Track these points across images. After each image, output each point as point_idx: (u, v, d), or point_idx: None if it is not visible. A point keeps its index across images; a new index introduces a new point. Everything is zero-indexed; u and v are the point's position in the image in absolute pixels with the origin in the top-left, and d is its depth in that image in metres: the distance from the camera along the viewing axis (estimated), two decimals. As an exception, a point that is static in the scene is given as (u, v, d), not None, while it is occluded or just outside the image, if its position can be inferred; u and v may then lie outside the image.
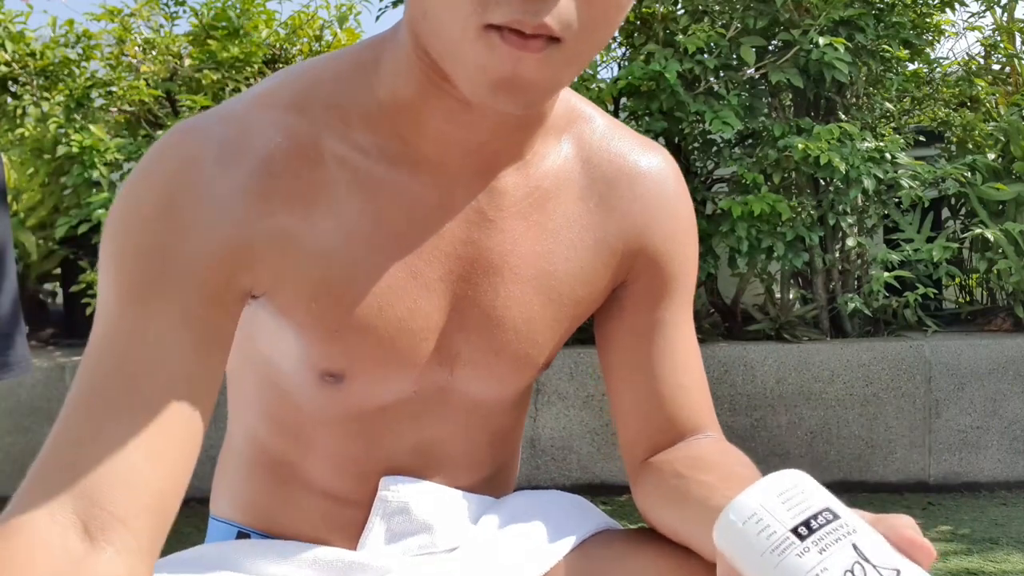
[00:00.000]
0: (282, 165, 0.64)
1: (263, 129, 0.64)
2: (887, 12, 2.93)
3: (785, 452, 2.71)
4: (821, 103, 3.02)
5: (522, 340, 0.73)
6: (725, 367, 2.71)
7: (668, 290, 0.77)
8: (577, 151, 0.74)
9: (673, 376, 0.77)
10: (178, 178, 0.62)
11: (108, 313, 0.61)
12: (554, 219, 0.73)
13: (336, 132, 0.66)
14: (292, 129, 0.65)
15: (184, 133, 0.64)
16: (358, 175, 0.66)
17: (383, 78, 0.66)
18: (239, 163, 0.63)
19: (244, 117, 0.65)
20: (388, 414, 0.74)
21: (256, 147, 0.64)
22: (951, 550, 2.23)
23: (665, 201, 0.77)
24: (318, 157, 0.65)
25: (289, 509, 0.78)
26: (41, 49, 3.15)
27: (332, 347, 0.68)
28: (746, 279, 2.99)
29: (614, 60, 3.24)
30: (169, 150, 0.63)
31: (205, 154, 0.62)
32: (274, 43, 3.19)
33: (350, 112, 0.66)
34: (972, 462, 2.70)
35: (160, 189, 0.62)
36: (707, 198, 2.96)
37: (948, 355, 2.70)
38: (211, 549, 0.76)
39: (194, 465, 0.61)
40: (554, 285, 0.73)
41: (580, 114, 0.76)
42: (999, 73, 3.52)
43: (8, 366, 1.22)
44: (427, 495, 0.76)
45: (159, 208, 0.61)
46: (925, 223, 3.06)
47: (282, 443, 0.77)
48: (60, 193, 3.07)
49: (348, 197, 0.66)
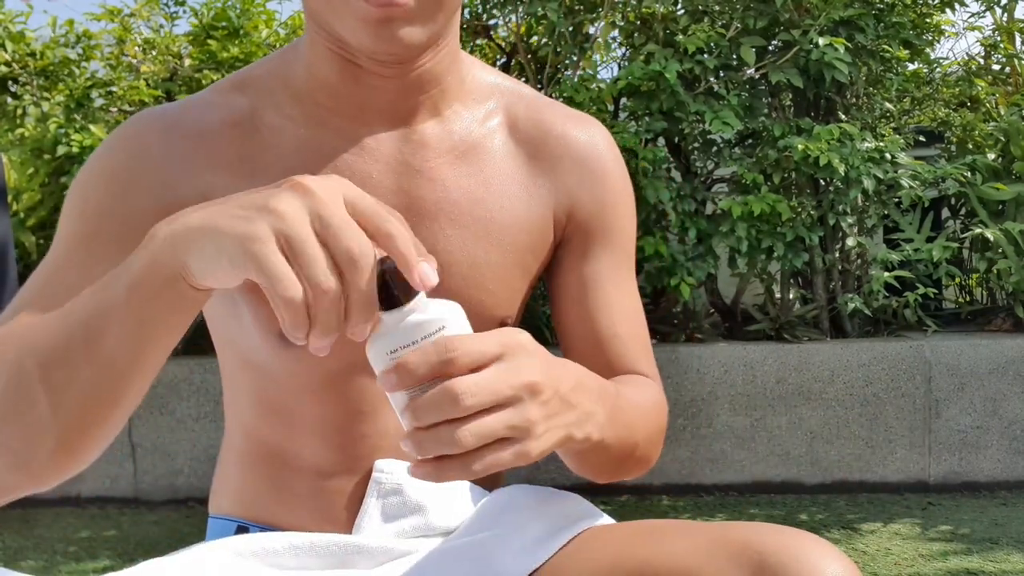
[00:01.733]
0: (217, 134, 0.74)
1: (205, 106, 0.76)
2: (887, 12, 2.93)
3: (785, 452, 2.71)
4: (821, 103, 3.02)
5: (471, 286, 0.77)
6: (725, 367, 2.71)
7: (600, 247, 0.83)
8: (504, 117, 0.82)
9: (610, 327, 0.82)
10: (121, 150, 0.74)
11: (54, 250, 0.72)
12: (483, 171, 0.78)
13: (271, 106, 0.76)
14: (231, 105, 0.76)
15: (137, 117, 0.76)
16: (288, 139, 0.75)
17: (301, 59, 0.77)
18: (175, 133, 0.74)
19: (191, 99, 0.77)
20: (362, 375, 0.77)
21: (194, 118, 0.75)
22: (951, 550, 2.23)
23: (593, 163, 0.83)
24: (253, 128, 0.75)
25: (285, 496, 0.79)
26: (41, 49, 3.16)
27: None
28: (746, 279, 2.99)
29: (614, 60, 3.24)
30: (122, 129, 0.75)
31: (148, 127, 0.74)
32: (274, 43, 3.19)
33: (281, 90, 0.77)
34: (972, 462, 2.70)
35: (107, 157, 0.74)
36: (707, 198, 2.96)
37: (948, 355, 2.70)
38: (210, 545, 0.76)
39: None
40: (493, 230, 0.78)
41: (507, 89, 0.84)
42: (999, 73, 3.52)
43: None
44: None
45: (104, 173, 0.73)
46: (925, 223, 3.06)
47: (271, 426, 0.79)
48: (60, 193, 3.07)
49: (278, 160, 0.74)
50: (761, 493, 2.71)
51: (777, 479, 2.72)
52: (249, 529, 0.81)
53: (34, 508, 2.80)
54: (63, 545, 2.47)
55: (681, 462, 2.73)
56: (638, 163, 2.66)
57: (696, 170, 3.05)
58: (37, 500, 2.82)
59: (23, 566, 2.31)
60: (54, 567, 2.31)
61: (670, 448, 2.71)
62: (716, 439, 2.71)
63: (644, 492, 2.75)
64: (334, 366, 0.76)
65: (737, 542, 0.67)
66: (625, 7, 2.97)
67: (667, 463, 2.72)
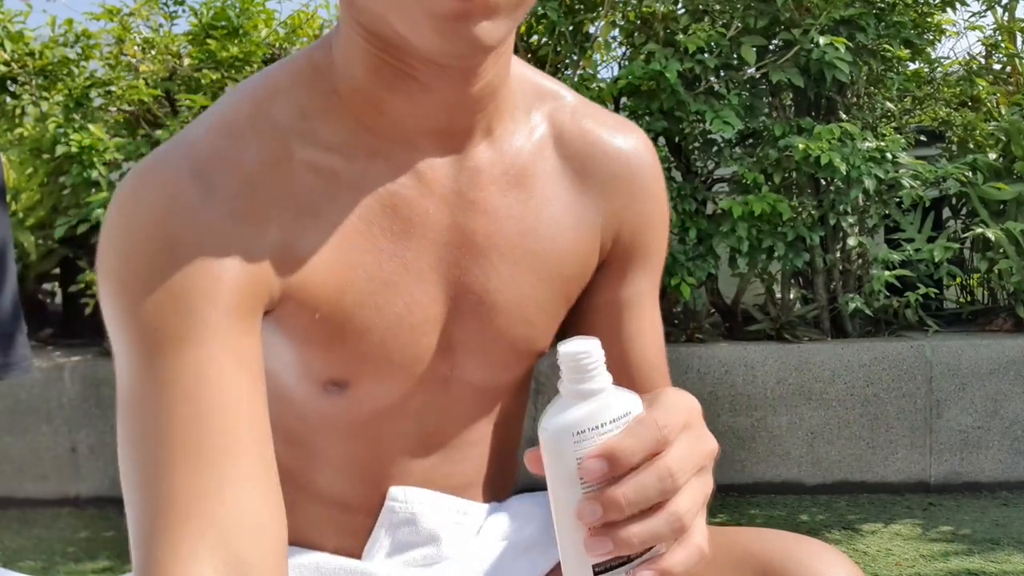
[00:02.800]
0: (260, 183, 0.63)
1: (232, 151, 0.63)
2: (888, 12, 2.92)
3: (785, 452, 2.71)
4: (822, 103, 3.01)
5: (518, 323, 0.72)
6: (725, 367, 2.70)
7: (641, 267, 0.77)
8: (550, 128, 0.74)
9: (641, 352, 0.77)
10: (166, 215, 0.59)
11: (137, 368, 0.57)
12: (534, 196, 0.72)
13: (303, 136, 0.65)
14: (261, 144, 0.64)
15: (153, 170, 0.61)
16: (333, 177, 0.65)
17: (339, 73, 0.66)
18: (219, 188, 0.61)
19: (210, 144, 0.63)
20: (392, 413, 0.73)
21: (231, 169, 0.62)
22: (952, 551, 2.22)
23: (639, 179, 0.76)
24: (290, 168, 0.64)
25: (295, 516, 0.77)
26: (40, 48, 3.15)
27: (334, 354, 0.67)
28: (747, 279, 2.99)
29: (614, 60, 3.24)
30: (144, 190, 0.60)
31: (183, 186, 0.60)
32: (274, 42, 3.18)
33: (312, 110, 0.65)
34: (973, 462, 2.70)
35: (151, 230, 0.59)
36: (707, 198, 2.96)
37: (949, 355, 2.69)
38: None
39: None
40: (542, 264, 0.72)
41: (548, 91, 0.75)
42: (1000, 73, 3.52)
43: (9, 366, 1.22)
44: (434, 506, 0.76)
45: (157, 250, 0.58)
46: (926, 223, 3.06)
47: (288, 453, 0.76)
48: (59, 193, 3.06)
49: (328, 201, 0.65)
50: (761, 493, 2.71)
51: (778, 479, 2.72)
52: None
53: (33, 508, 2.79)
54: (62, 546, 2.47)
55: (681, 462, 2.72)
56: (638, 163, 2.65)
57: (696, 170, 3.04)
58: (37, 500, 2.82)
59: (23, 566, 2.31)
60: (53, 567, 2.31)
61: (670, 448, 2.71)
62: (716, 439, 2.69)
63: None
64: (372, 409, 0.72)
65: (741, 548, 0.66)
66: (625, 6, 2.96)
67: (667, 463, 2.72)
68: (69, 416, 2.80)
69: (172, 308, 0.57)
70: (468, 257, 0.69)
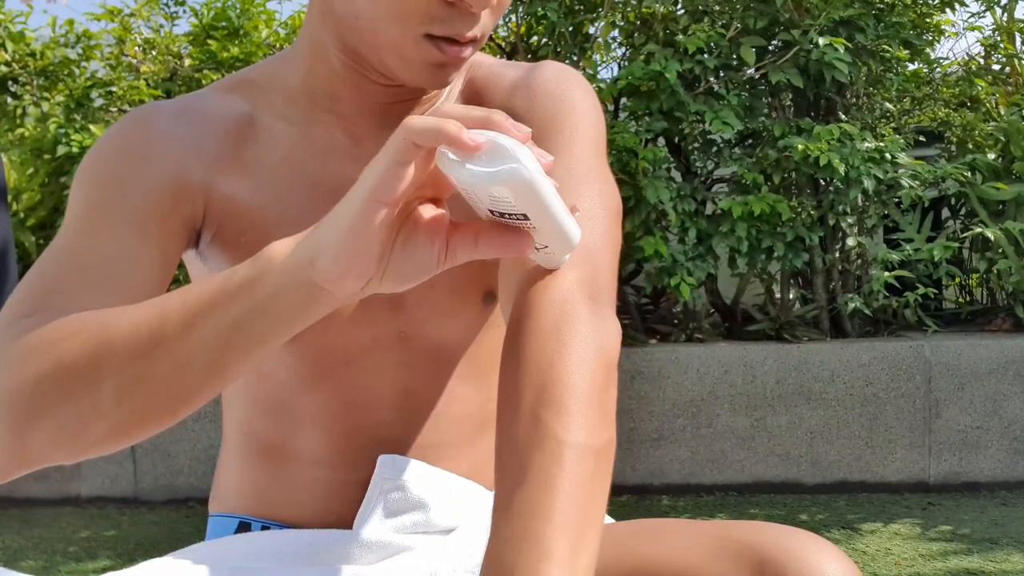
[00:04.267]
0: (218, 131, 0.75)
1: (206, 102, 0.77)
2: (887, 12, 2.93)
3: (785, 452, 2.71)
4: (821, 103, 3.02)
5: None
6: (725, 367, 2.71)
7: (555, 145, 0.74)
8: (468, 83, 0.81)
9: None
10: (134, 128, 0.74)
11: (72, 225, 0.70)
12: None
13: (267, 107, 0.77)
14: (229, 105, 0.77)
15: (143, 105, 0.77)
16: (281, 137, 0.76)
17: (300, 62, 0.77)
18: (184, 117, 0.75)
19: (192, 95, 0.78)
20: (357, 367, 0.77)
21: (203, 114, 0.76)
22: (951, 550, 2.23)
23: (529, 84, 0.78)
24: (249, 128, 0.76)
25: (287, 489, 0.80)
26: (41, 49, 3.16)
27: None
28: (746, 279, 2.99)
29: (614, 60, 3.24)
30: (129, 114, 0.76)
31: (157, 111, 0.75)
32: (274, 43, 3.19)
33: (277, 91, 0.78)
34: (972, 462, 2.70)
35: (118, 136, 0.74)
36: (707, 198, 2.97)
37: (948, 355, 2.70)
38: (209, 545, 0.77)
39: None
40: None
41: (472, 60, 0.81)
42: (999, 73, 3.52)
43: None
44: (423, 474, 0.78)
45: (117, 149, 0.73)
46: (925, 223, 3.06)
47: (271, 422, 0.79)
48: (60, 193, 3.07)
49: (271, 156, 0.75)
50: (761, 493, 2.71)
51: (777, 479, 2.72)
52: (251, 524, 0.81)
53: (34, 508, 2.80)
54: (63, 545, 2.47)
55: (681, 462, 2.73)
56: (638, 163, 2.66)
57: (696, 170, 3.05)
58: (37, 500, 2.82)
59: (23, 566, 2.31)
60: (54, 567, 2.31)
61: (670, 448, 2.72)
62: (716, 439, 2.71)
63: (644, 492, 2.75)
64: (327, 358, 0.76)
65: (738, 541, 0.67)
66: (625, 7, 2.97)
67: (667, 463, 2.72)
68: (70, 416, 2.81)
69: (107, 190, 0.71)
70: None
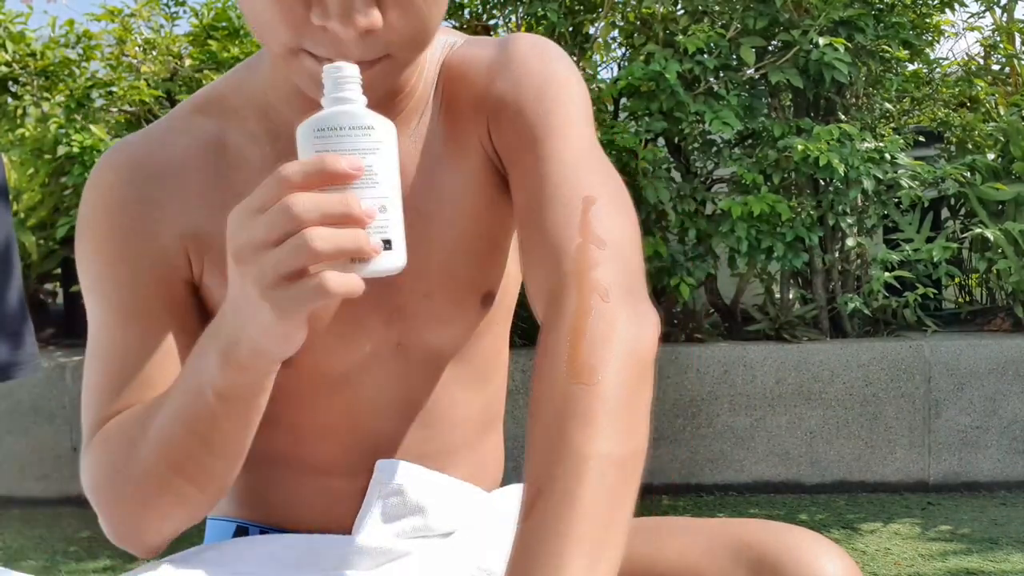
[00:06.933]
0: (183, 166, 0.73)
1: (167, 134, 0.74)
2: (887, 12, 2.93)
3: (785, 452, 2.72)
4: (821, 103, 3.02)
5: (440, 273, 0.74)
6: (724, 367, 2.71)
7: (534, 133, 0.71)
8: (444, 70, 0.76)
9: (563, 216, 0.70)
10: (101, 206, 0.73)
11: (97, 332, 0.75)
12: (430, 152, 0.75)
13: (235, 126, 0.74)
14: (196, 129, 0.74)
15: (104, 159, 0.75)
16: (253, 158, 0.73)
17: (261, 78, 0.74)
18: (140, 175, 0.73)
19: (154, 129, 0.76)
20: (356, 381, 0.76)
21: (158, 154, 0.73)
22: (951, 550, 2.23)
23: (510, 52, 0.74)
24: (221, 150, 0.74)
25: (286, 496, 0.79)
26: (41, 49, 3.16)
27: None
28: (746, 279, 3.00)
29: (614, 60, 3.25)
30: (92, 179, 0.75)
31: (116, 176, 0.73)
32: (274, 43, 3.19)
33: (244, 108, 0.74)
34: (972, 462, 2.71)
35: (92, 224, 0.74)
36: (707, 198, 2.97)
37: (948, 355, 2.70)
38: (209, 548, 0.77)
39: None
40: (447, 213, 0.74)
41: (445, 44, 0.77)
42: (999, 73, 3.52)
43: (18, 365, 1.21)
44: (421, 479, 0.78)
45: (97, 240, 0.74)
46: (925, 223, 3.07)
47: (270, 435, 0.77)
48: (60, 193, 3.07)
49: (247, 182, 0.71)
50: (761, 493, 2.72)
51: (777, 479, 2.72)
52: (248, 529, 0.81)
53: (35, 508, 2.80)
54: (63, 545, 2.48)
55: (681, 462, 2.73)
56: (638, 163, 2.67)
57: (696, 170, 3.05)
58: (38, 500, 2.83)
59: (23, 566, 2.32)
60: (54, 567, 2.32)
61: (670, 448, 2.72)
62: (716, 439, 2.72)
63: (644, 492, 2.74)
64: (324, 375, 0.75)
65: (737, 539, 0.67)
66: (625, 7, 2.97)
67: (667, 463, 2.73)
68: (71, 416, 2.81)
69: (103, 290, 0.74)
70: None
